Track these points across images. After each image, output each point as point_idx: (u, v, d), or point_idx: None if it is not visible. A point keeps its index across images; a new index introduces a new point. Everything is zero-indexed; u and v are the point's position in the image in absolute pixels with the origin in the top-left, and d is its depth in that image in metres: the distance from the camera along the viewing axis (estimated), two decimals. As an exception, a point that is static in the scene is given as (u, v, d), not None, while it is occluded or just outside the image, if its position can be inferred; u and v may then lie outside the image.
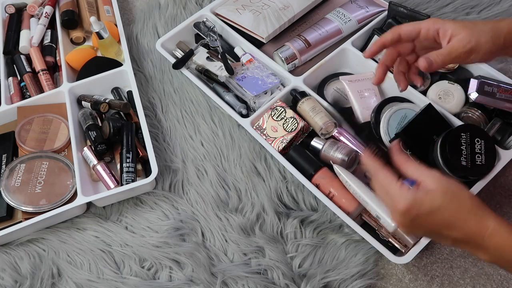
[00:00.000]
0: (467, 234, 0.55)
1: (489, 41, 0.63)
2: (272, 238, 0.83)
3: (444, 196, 0.55)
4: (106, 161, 0.93)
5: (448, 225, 0.55)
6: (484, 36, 0.63)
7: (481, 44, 0.63)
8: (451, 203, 0.55)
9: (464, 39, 0.63)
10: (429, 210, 0.55)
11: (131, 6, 1.25)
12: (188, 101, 1.03)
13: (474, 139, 0.79)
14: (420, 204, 0.55)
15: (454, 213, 0.55)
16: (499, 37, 0.63)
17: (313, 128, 0.90)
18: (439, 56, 0.64)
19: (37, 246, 0.88)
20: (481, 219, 0.55)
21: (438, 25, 0.65)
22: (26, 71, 1.07)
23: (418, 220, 0.56)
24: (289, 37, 1.02)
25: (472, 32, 0.63)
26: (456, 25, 0.64)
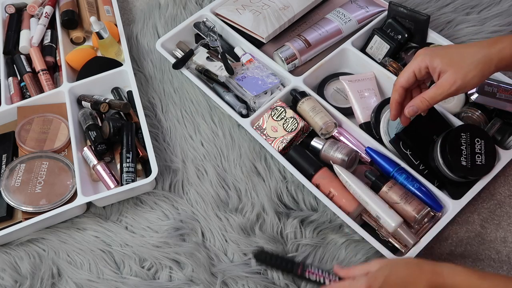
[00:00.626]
0: (429, 282, 0.59)
1: (477, 75, 0.63)
2: (272, 238, 0.83)
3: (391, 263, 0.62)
4: (106, 161, 0.93)
5: (410, 282, 0.60)
6: (472, 71, 0.63)
7: (468, 80, 0.63)
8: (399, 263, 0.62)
9: (449, 79, 0.64)
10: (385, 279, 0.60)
11: (131, 6, 1.25)
12: (188, 101, 1.03)
13: (474, 139, 0.79)
14: (375, 279, 0.61)
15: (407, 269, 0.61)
16: (489, 68, 0.63)
17: (313, 128, 0.90)
18: (424, 102, 0.67)
19: (37, 246, 0.88)
20: (433, 267, 0.60)
21: (426, 62, 0.66)
22: (26, 71, 1.07)
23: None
24: (289, 37, 1.02)
25: (459, 69, 0.64)
26: (443, 60, 0.65)
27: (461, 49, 0.65)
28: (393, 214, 0.75)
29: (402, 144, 0.81)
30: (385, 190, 0.78)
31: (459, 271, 0.59)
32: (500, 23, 1.04)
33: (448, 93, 0.65)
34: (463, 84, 0.63)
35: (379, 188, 0.79)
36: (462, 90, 0.64)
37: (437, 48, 0.68)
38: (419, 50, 0.69)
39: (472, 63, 0.63)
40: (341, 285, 0.65)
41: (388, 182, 0.79)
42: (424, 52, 0.67)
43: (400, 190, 0.78)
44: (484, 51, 0.63)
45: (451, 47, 0.68)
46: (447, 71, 0.64)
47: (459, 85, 0.63)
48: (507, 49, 0.62)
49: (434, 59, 0.65)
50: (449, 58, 0.64)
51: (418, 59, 0.67)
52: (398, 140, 0.81)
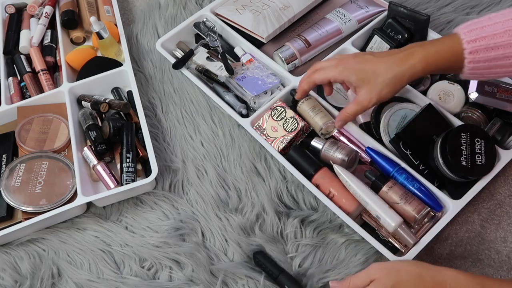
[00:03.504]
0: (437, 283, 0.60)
1: (390, 91, 0.70)
2: (272, 238, 0.83)
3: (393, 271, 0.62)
4: (106, 161, 0.93)
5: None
6: (385, 89, 0.70)
7: (382, 96, 0.71)
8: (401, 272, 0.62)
9: (366, 96, 0.72)
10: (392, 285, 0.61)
11: (131, 6, 1.25)
12: (188, 101, 1.03)
13: (474, 139, 0.79)
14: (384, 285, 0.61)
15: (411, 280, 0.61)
16: (401, 84, 0.70)
17: (313, 128, 0.90)
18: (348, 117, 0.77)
19: (37, 246, 0.88)
20: (434, 278, 0.60)
21: (343, 76, 0.73)
22: (26, 71, 1.07)
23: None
24: (289, 37, 1.02)
25: (373, 88, 0.71)
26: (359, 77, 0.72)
27: (375, 66, 0.71)
28: (393, 214, 0.75)
29: (402, 144, 0.81)
30: (385, 190, 0.78)
31: (462, 280, 0.59)
32: (500, 23, 1.04)
33: (367, 108, 0.73)
34: (378, 100, 0.71)
35: (379, 188, 0.79)
36: (380, 101, 0.72)
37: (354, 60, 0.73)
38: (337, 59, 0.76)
39: (385, 81, 0.70)
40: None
41: (388, 182, 0.79)
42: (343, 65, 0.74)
43: (400, 190, 0.78)
44: (396, 69, 0.69)
45: (366, 61, 0.72)
46: (363, 89, 0.72)
47: (374, 101, 0.72)
48: (417, 66, 0.68)
49: (351, 75, 0.72)
50: (364, 75, 0.71)
51: (336, 71, 0.74)
52: (398, 140, 0.81)
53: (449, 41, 0.67)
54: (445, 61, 0.68)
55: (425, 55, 0.68)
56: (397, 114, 0.86)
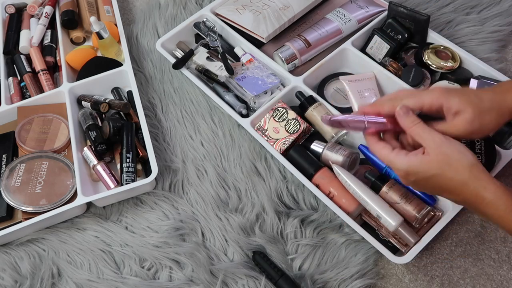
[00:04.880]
0: (465, 200, 0.57)
1: (492, 121, 0.59)
2: (272, 238, 0.83)
3: (439, 165, 0.57)
4: (106, 161, 0.93)
5: (446, 190, 0.58)
6: (488, 115, 0.59)
7: (484, 125, 0.59)
8: (446, 173, 0.57)
9: (468, 117, 0.58)
10: (424, 177, 0.58)
11: (131, 6, 1.25)
12: (188, 101, 1.03)
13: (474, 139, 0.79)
14: (416, 172, 0.58)
15: (449, 181, 0.57)
16: (503, 116, 0.60)
17: (322, 134, 0.90)
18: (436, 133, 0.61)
19: (37, 246, 0.88)
20: (477, 191, 0.56)
21: (442, 100, 0.60)
22: (26, 71, 1.07)
23: (418, 183, 0.60)
24: (289, 37, 1.02)
25: (477, 111, 0.58)
26: (461, 100, 0.59)
27: (478, 91, 0.61)
28: (393, 213, 0.75)
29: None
30: (385, 190, 0.78)
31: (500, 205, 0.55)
32: (500, 23, 1.04)
33: (463, 134, 0.59)
34: (480, 128, 0.59)
35: (379, 188, 0.79)
36: (476, 133, 0.60)
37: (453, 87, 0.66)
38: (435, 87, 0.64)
39: (489, 107, 0.59)
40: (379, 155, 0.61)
41: (388, 182, 0.79)
42: (441, 90, 0.61)
43: (400, 190, 0.78)
44: (499, 98, 0.60)
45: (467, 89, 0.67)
46: (465, 110, 0.59)
47: (476, 127, 0.58)
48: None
49: (451, 98, 0.60)
50: (467, 97, 0.60)
51: (433, 95, 0.61)
52: (398, 140, 0.81)
53: None
54: None
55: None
56: (397, 114, 0.86)
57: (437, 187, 0.59)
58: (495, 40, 1.02)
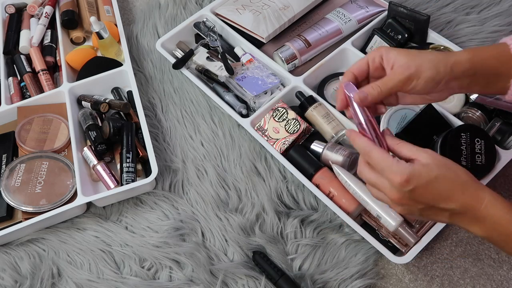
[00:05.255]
0: (464, 205, 0.56)
1: (431, 68, 0.59)
2: (272, 238, 0.83)
3: (440, 168, 0.56)
4: (106, 161, 0.93)
5: (446, 196, 0.56)
6: (427, 63, 0.59)
7: (422, 70, 0.58)
8: (447, 174, 0.56)
9: (403, 65, 0.59)
10: (426, 181, 0.55)
11: (131, 6, 1.25)
12: (188, 101, 1.03)
13: (474, 139, 0.79)
14: (418, 176, 0.55)
15: (450, 183, 0.56)
16: (445, 65, 0.59)
17: (322, 134, 0.90)
18: (375, 88, 0.60)
19: (37, 246, 0.88)
20: (476, 191, 0.56)
21: (381, 52, 0.62)
22: (26, 71, 1.07)
23: (416, 192, 0.56)
24: (289, 37, 1.02)
25: (414, 58, 0.59)
26: (399, 52, 0.61)
27: (420, 50, 0.62)
28: (393, 213, 0.75)
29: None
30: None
31: (499, 204, 0.55)
32: (500, 23, 1.04)
33: (402, 78, 0.59)
34: (417, 72, 0.58)
35: (379, 188, 0.79)
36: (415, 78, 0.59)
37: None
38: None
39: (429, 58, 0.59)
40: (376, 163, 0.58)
41: (388, 182, 0.79)
42: (380, 47, 0.64)
43: (400, 190, 0.78)
44: (439, 56, 0.61)
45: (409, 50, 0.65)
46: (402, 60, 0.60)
47: (413, 71, 0.58)
48: (461, 54, 0.60)
49: (390, 51, 0.61)
50: (406, 51, 0.61)
51: (374, 51, 0.63)
52: (398, 140, 0.81)
53: (494, 46, 0.62)
54: (491, 58, 0.61)
55: (469, 49, 0.61)
56: (397, 114, 0.86)
57: (436, 193, 0.56)
58: (495, 40, 1.02)
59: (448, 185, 0.56)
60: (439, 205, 0.57)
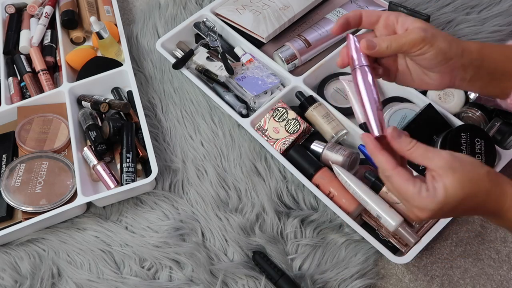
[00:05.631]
0: (487, 210, 0.55)
1: (446, 41, 0.56)
2: (272, 238, 0.83)
3: (464, 187, 0.53)
4: (106, 161, 0.93)
5: (471, 210, 0.55)
6: (442, 36, 0.56)
7: (436, 40, 0.55)
8: (471, 191, 0.53)
9: (420, 27, 0.55)
10: (452, 207, 0.53)
11: (131, 6, 1.25)
12: (188, 101, 1.03)
13: (474, 139, 0.79)
14: (443, 207, 0.53)
15: (474, 199, 0.54)
16: (457, 46, 0.56)
17: (322, 134, 0.90)
18: (385, 40, 0.56)
19: (37, 246, 0.88)
20: (498, 198, 0.54)
21: (398, 15, 0.58)
22: (26, 71, 1.07)
23: (443, 214, 0.55)
24: (289, 37, 1.02)
25: (431, 27, 0.56)
26: (416, 20, 0.57)
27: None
28: (393, 213, 0.75)
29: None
30: (385, 191, 0.78)
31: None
32: (500, 23, 1.04)
33: (413, 38, 0.55)
34: (432, 38, 0.55)
35: (379, 188, 0.79)
36: (428, 43, 0.55)
37: None
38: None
39: (443, 33, 0.57)
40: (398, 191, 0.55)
41: (388, 182, 0.79)
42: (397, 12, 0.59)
43: (400, 190, 0.78)
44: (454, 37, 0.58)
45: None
46: (419, 24, 0.56)
47: (428, 35, 0.54)
48: (471, 43, 0.58)
49: (408, 18, 0.57)
50: (423, 21, 0.57)
51: (390, 12, 0.59)
52: (398, 140, 0.81)
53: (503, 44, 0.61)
54: (499, 54, 0.59)
55: (479, 41, 0.59)
56: (397, 114, 0.86)
57: (461, 212, 0.55)
58: (495, 40, 1.02)
59: (474, 201, 0.54)
60: (463, 215, 0.57)
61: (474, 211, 0.55)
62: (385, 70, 0.61)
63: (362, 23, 0.61)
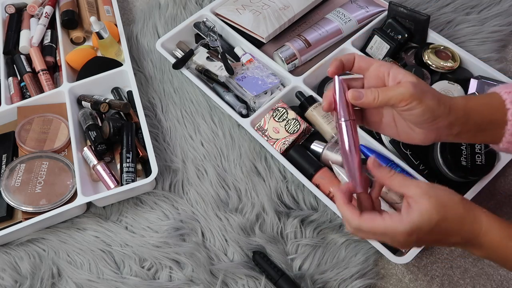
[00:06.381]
0: (464, 237, 0.56)
1: (435, 99, 0.55)
2: (272, 238, 0.83)
3: (439, 211, 0.54)
4: (106, 161, 0.93)
5: (447, 234, 0.56)
6: (432, 93, 0.56)
7: (426, 97, 0.54)
8: (446, 214, 0.55)
9: (412, 82, 0.55)
10: (428, 230, 0.55)
11: (131, 6, 1.25)
12: (188, 101, 1.03)
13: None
14: (420, 228, 0.54)
15: (450, 224, 0.55)
16: (445, 104, 0.56)
17: (322, 134, 0.90)
18: (373, 92, 0.56)
19: (37, 246, 0.88)
20: (473, 222, 0.56)
21: (391, 66, 0.57)
22: (26, 71, 1.07)
23: (420, 240, 0.56)
24: (289, 37, 1.03)
25: (422, 83, 0.56)
26: (408, 73, 0.57)
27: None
28: (393, 214, 0.75)
29: (402, 144, 0.81)
30: (385, 191, 0.78)
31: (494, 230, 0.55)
32: (500, 23, 1.04)
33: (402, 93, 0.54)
34: (421, 95, 0.54)
35: (379, 188, 0.79)
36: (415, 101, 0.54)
37: None
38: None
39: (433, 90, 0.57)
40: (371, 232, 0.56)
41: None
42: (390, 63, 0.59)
43: (400, 190, 0.78)
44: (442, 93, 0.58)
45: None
46: (411, 78, 0.56)
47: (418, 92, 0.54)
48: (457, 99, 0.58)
49: (401, 70, 0.57)
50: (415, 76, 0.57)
51: (385, 62, 0.59)
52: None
53: (485, 94, 0.61)
54: (484, 105, 0.58)
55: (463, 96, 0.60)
56: (397, 114, 0.86)
57: (438, 235, 0.56)
58: (495, 40, 1.02)
59: (448, 225, 0.55)
60: (441, 241, 0.57)
61: (450, 237, 0.56)
62: (368, 120, 0.61)
63: (353, 68, 0.60)
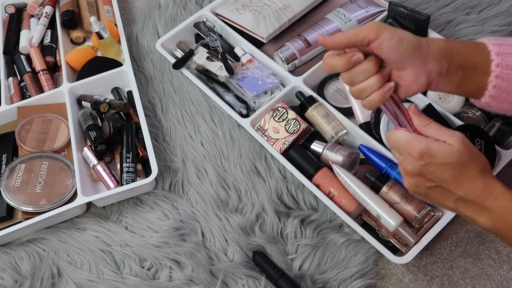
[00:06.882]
0: (473, 193, 0.55)
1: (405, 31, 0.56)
2: (272, 238, 0.83)
3: (460, 156, 0.55)
4: (106, 161, 0.93)
5: (457, 181, 0.55)
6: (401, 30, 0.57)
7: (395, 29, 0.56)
8: (465, 162, 0.55)
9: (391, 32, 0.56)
10: (441, 162, 0.55)
11: (131, 6, 1.25)
12: (188, 101, 1.03)
13: (474, 139, 0.79)
14: (435, 154, 0.55)
15: (465, 171, 0.55)
16: (420, 37, 0.56)
17: (322, 134, 0.90)
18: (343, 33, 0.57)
19: (37, 246, 0.88)
20: (489, 182, 0.56)
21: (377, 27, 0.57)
22: (26, 71, 1.07)
23: (429, 167, 0.56)
24: (289, 37, 1.02)
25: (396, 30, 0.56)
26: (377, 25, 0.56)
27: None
28: (393, 213, 0.75)
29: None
30: (385, 191, 0.78)
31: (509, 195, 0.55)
32: (500, 23, 1.04)
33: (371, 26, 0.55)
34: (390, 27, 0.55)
35: (379, 188, 0.79)
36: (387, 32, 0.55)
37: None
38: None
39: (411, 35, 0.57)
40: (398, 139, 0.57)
41: (388, 182, 0.79)
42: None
43: (400, 190, 0.78)
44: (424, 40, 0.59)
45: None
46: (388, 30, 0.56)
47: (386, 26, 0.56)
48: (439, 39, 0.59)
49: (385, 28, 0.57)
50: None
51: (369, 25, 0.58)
52: (398, 140, 0.81)
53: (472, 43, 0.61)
54: (468, 47, 0.59)
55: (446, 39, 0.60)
56: (397, 114, 0.86)
57: (447, 176, 0.55)
58: (495, 40, 1.02)
59: (462, 171, 0.55)
60: (448, 188, 0.56)
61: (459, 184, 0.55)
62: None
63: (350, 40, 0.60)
